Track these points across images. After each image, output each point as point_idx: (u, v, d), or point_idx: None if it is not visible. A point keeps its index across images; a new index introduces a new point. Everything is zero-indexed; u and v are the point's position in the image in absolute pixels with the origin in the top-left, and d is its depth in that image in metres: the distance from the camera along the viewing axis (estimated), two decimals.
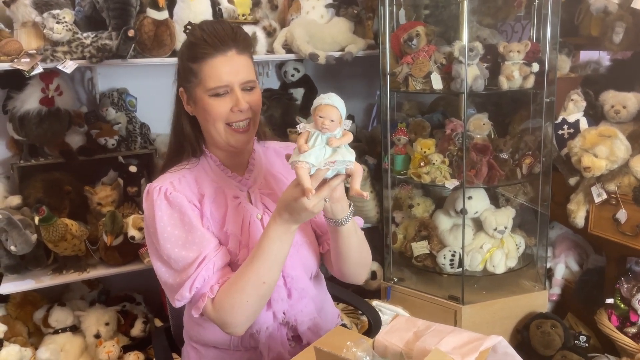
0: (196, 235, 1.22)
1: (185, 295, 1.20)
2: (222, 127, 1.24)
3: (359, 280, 1.42)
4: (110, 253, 2.04)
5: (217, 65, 1.20)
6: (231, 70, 1.21)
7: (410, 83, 2.19)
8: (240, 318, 1.20)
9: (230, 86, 1.21)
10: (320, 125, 1.04)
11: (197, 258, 1.20)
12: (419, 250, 2.31)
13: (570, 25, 2.41)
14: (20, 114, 2.02)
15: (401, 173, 2.34)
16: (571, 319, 2.37)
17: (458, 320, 2.17)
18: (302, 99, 2.63)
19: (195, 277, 1.19)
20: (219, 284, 1.21)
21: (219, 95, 1.21)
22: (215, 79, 1.20)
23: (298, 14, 2.34)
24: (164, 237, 1.22)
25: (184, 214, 1.23)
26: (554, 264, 2.43)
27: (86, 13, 2.05)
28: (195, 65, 1.21)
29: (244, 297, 1.18)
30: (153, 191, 1.26)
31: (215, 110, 1.22)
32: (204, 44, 1.20)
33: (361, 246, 1.33)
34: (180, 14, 2.05)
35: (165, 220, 1.23)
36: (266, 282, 1.19)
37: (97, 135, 2.19)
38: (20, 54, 1.87)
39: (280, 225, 1.16)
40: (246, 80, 1.23)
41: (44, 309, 2.15)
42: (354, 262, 1.34)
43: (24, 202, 2.06)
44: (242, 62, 1.23)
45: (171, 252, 1.22)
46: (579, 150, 2.04)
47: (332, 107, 1.05)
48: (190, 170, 1.31)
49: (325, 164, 1.05)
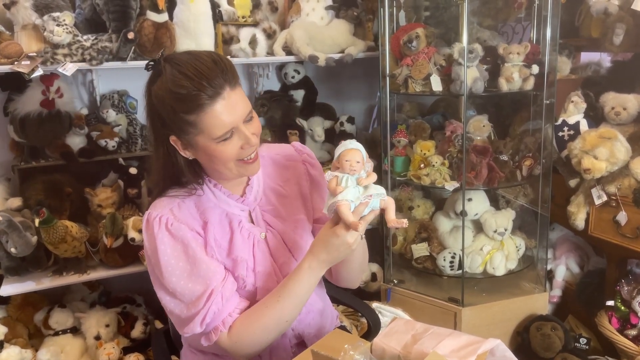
0: (201, 268, 1.19)
1: (196, 330, 1.19)
2: (233, 165, 1.19)
3: (354, 285, 1.43)
4: (111, 255, 2.05)
5: (218, 112, 1.11)
6: (231, 112, 1.13)
7: (410, 85, 2.19)
8: (255, 349, 1.23)
9: (235, 127, 1.15)
10: (348, 168, 1.13)
11: (204, 292, 1.18)
12: (419, 252, 2.30)
13: (570, 26, 2.41)
14: (21, 116, 2.03)
15: (401, 175, 2.34)
16: (572, 321, 2.36)
17: (458, 322, 2.17)
18: (302, 101, 2.63)
19: (206, 312, 1.18)
20: (231, 316, 1.21)
21: (226, 140, 1.15)
22: (220, 127, 1.13)
23: (298, 16, 2.35)
24: (169, 270, 1.19)
25: (188, 245, 1.20)
26: (555, 265, 2.43)
27: (86, 16, 2.06)
28: (192, 117, 1.11)
29: (264, 334, 1.20)
30: (153, 222, 1.21)
31: (225, 154, 1.16)
32: (197, 93, 1.09)
33: (364, 255, 1.35)
34: (180, 16, 2.05)
35: (169, 254, 1.19)
36: (289, 320, 1.22)
37: (98, 137, 2.19)
38: (20, 57, 1.87)
39: (316, 265, 1.18)
40: (246, 114, 1.17)
41: (45, 310, 2.16)
42: (354, 269, 1.35)
43: (25, 204, 2.07)
44: (238, 96, 1.15)
45: (177, 286, 1.19)
46: (579, 152, 2.04)
47: (357, 151, 1.15)
48: (188, 194, 1.25)
49: (364, 198, 1.13)
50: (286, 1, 2.45)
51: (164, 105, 1.14)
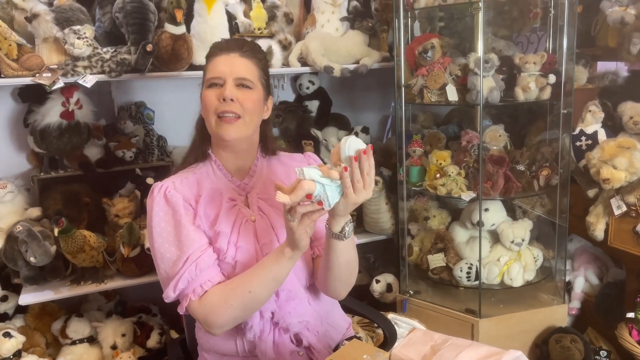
0: (182, 234, 1.29)
1: (170, 295, 1.28)
2: (213, 120, 1.33)
3: (338, 296, 1.44)
4: (127, 264, 2.06)
5: (218, 61, 1.34)
6: (227, 64, 1.32)
7: (425, 95, 2.19)
8: (221, 319, 1.26)
9: (223, 78, 1.31)
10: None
11: (180, 257, 1.27)
12: (435, 262, 2.29)
13: (587, 36, 2.40)
14: (40, 127, 2.06)
15: (416, 185, 2.33)
16: (591, 333, 2.32)
17: (475, 334, 2.15)
18: (317, 111, 2.64)
19: (179, 278, 1.26)
20: (202, 287, 1.27)
21: (212, 87, 1.33)
22: (211, 70, 1.34)
23: (313, 28, 2.36)
24: (157, 231, 1.31)
25: (177, 212, 1.31)
26: (573, 277, 2.40)
27: (106, 29, 2.09)
28: (205, 67, 1.38)
29: (229, 300, 1.25)
30: (155, 188, 1.36)
31: (207, 99, 1.33)
32: (214, 47, 1.38)
33: (349, 266, 1.35)
34: (197, 28, 2.08)
35: (160, 216, 1.32)
36: (252, 292, 1.25)
37: (115, 148, 2.22)
38: (41, 69, 1.91)
39: (280, 246, 1.24)
40: (241, 77, 1.32)
41: (62, 319, 2.18)
42: (338, 278, 1.35)
43: (44, 214, 2.09)
44: (242, 62, 1.33)
45: (161, 246, 1.30)
46: (597, 161, 2.02)
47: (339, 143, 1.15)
48: (194, 173, 1.40)
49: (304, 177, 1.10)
50: (301, 13, 2.47)
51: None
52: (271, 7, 2.32)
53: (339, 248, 1.27)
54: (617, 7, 2.25)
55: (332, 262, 1.30)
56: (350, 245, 1.31)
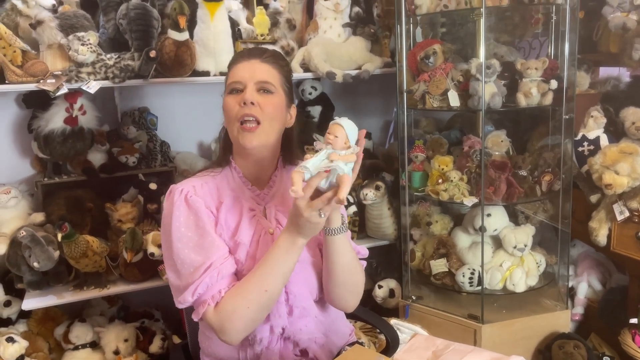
0: (206, 240, 1.26)
1: (188, 299, 1.25)
2: (235, 127, 1.29)
3: (346, 307, 1.42)
4: (130, 269, 2.07)
5: (239, 67, 1.33)
6: (248, 70, 1.31)
7: (427, 100, 2.19)
8: (238, 324, 1.23)
9: (244, 83, 1.29)
10: (326, 140, 1.15)
11: (203, 264, 1.24)
12: (438, 268, 2.29)
13: (588, 41, 2.40)
14: (44, 133, 2.07)
15: (419, 190, 2.33)
16: (595, 339, 2.31)
17: (478, 339, 2.14)
18: (320, 117, 2.65)
19: (199, 283, 1.23)
20: (221, 293, 1.24)
21: (233, 93, 1.31)
22: (232, 77, 1.32)
23: (315, 34, 2.38)
24: (177, 236, 1.27)
25: (200, 218, 1.28)
26: (576, 282, 2.39)
27: (110, 35, 2.11)
28: (227, 74, 1.36)
29: (244, 303, 1.22)
30: (175, 191, 1.32)
31: (228, 105, 1.30)
32: (236, 56, 1.38)
33: (351, 269, 1.34)
34: (200, 34, 2.09)
35: (181, 221, 1.28)
36: (268, 290, 1.22)
37: (119, 153, 2.23)
38: (45, 75, 1.92)
39: (288, 236, 1.20)
40: (262, 81, 1.30)
41: (65, 324, 2.18)
42: (341, 284, 1.34)
43: (47, 219, 2.10)
44: (263, 67, 1.32)
45: (180, 252, 1.26)
46: (599, 167, 2.02)
47: (338, 126, 1.14)
48: (213, 178, 1.37)
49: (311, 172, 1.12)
50: (304, 19, 2.49)
51: None
52: (274, 13, 2.34)
53: (339, 247, 1.28)
54: (618, 12, 2.26)
55: (335, 266, 1.30)
56: (348, 245, 1.32)
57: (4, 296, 2.15)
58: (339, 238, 1.26)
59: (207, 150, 2.58)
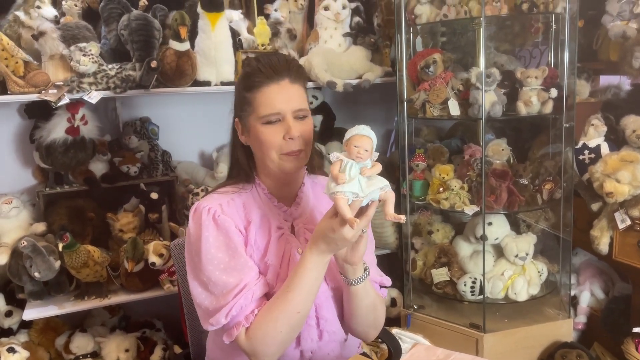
0: (239, 261, 1.22)
1: (221, 321, 1.20)
2: (276, 156, 1.24)
3: (367, 338, 1.40)
4: (131, 279, 2.07)
5: (271, 93, 1.22)
6: (284, 98, 1.22)
7: (427, 109, 2.20)
8: (272, 348, 1.20)
9: (282, 114, 1.22)
10: (355, 154, 1.08)
11: (237, 285, 1.20)
12: (439, 277, 2.28)
13: (588, 50, 2.41)
14: (46, 143, 2.08)
15: (420, 199, 2.33)
16: (598, 348, 2.30)
17: (480, 349, 2.13)
18: (320, 126, 2.66)
19: (233, 305, 1.19)
20: (254, 313, 1.21)
21: (271, 123, 1.22)
22: (268, 106, 1.22)
23: (316, 43, 2.39)
24: (208, 258, 1.22)
25: (230, 238, 1.23)
26: (579, 291, 2.38)
27: (111, 45, 2.12)
28: (249, 95, 1.24)
29: (277, 327, 1.19)
30: (202, 211, 1.26)
31: (267, 138, 1.22)
32: (258, 73, 1.23)
33: (373, 308, 1.32)
34: (201, 44, 2.10)
35: (210, 242, 1.23)
36: (300, 312, 1.19)
37: (120, 163, 2.24)
38: (47, 86, 1.93)
39: (317, 255, 1.17)
40: (299, 109, 1.24)
41: (66, 335, 2.18)
42: (361, 322, 1.33)
43: (49, 229, 2.11)
44: (295, 91, 1.24)
45: (212, 275, 1.22)
46: (600, 175, 2.02)
47: (367, 138, 1.10)
48: (239, 195, 1.31)
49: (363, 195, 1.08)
50: (304, 29, 2.50)
51: (237, 86, 1.30)
52: (274, 23, 2.35)
53: (362, 293, 1.26)
54: (618, 21, 2.26)
55: (357, 310, 1.29)
56: (370, 288, 1.29)
57: (5, 306, 2.15)
58: (362, 285, 1.24)
59: (209, 160, 2.59)
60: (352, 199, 1.07)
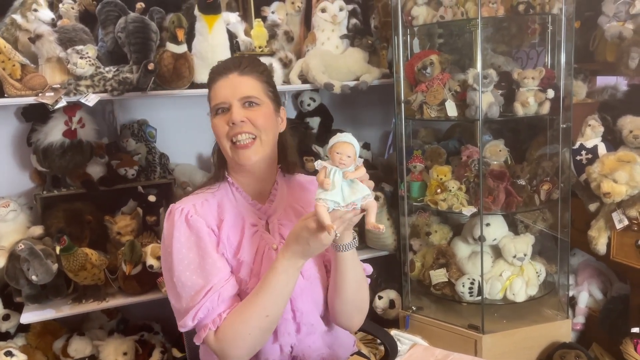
0: (208, 262, 1.24)
1: (188, 324, 1.22)
2: (227, 145, 1.29)
3: (352, 324, 1.40)
4: (129, 282, 2.06)
5: (218, 86, 1.29)
6: (229, 87, 1.28)
7: (425, 111, 2.20)
8: (241, 350, 1.21)
9: (227, 102, 1.27)
10: (337, 161, 1.10)
11: (204, 287, 1.22)
12: (438, 278, 2.28)
13: (585, 51, 2.41)
14: (43, 146, 2.08)
15: (418, 200, 2.33)
16: (596, 349, 2.30)
17: (478, 350, 2.13)
18: (318, 128, 2.66)
19: (200, 308, 1.21)
20: (221, 317, 1.22)
21: (219, 114, 1.29)
22: (215, 98, 1.30)
23: (313, 45, 2.39)
24: (179, 258, 1.25)
25: (201, 239, 1.26)
26: (577, 292, 2.38)
27: (108, 48, 2.12)
28: (209, 92, 1.33)
29: (246, 329, 1.20)
30: (175, 211, 1.29)
31: (217, 128, 1.29)
32: (212, 73, 1.33)
33: (359, 285, 1.33)
34: (198, 47, 2.10)
35: (182, 242, 1.26)
36: (270, 315, 1.20)
37: (118, 166, 2.23)
38: (44, 88, 1.93)
39: (288, 258, 1.18)
40: (245, 96, 1.28)
41: (64, 338, 2.17)
42: (347, 299, 1.33)
43: (46, 232, 2.10)
44: (244, 81, 1.29)
45: (182, 275, 1.24)
46: (597, 175, 2.02)
47: (349, 144, 1.12)
48: (213, 195, 1.34)
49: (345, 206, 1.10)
50: (302, 31, 2.50)
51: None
52: (272, 25, 2.35)
53: (349, 262, 1.26)
54: (614, 22, 2.27)
55: (343, 282, 1.29)
56: (357, 262, 1.30)
57: (2, 310, 2.14)
58: (350, 253, 1.25)
59: (206, 162, 2.59)
60: (332, 207, 1.09)
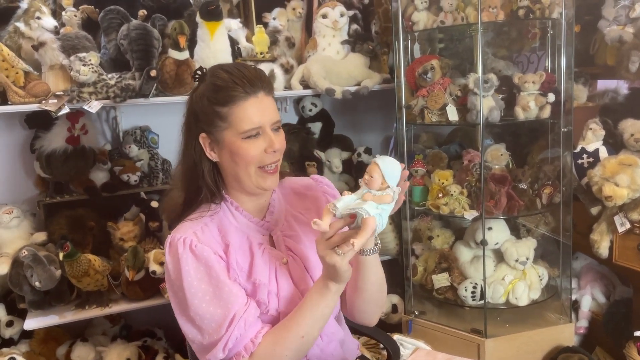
0: (224, 291, 1.19)
1: (219, 356, 1.18)
2: (253, 170, 1.22)
3: (371, 320, 1.40)
4: (132, 288, 2.06)
5: (249, 108, 1.18)
6: (260, 111, 1.20)
7: (426, 115, 2.21)
8: None
9: (262, 127, 1.20)
10: (365, 179, 1.11)
11: (226, 316, 1.18)
12: (440, 282, 2.28)
13: (585, 55, 2.42)
14: (47, 152, 2.09)
15: (420, 204, 2.33)
16: (600, 352, 2.29)
17: (481, 354, 2.13)
18: (320, 133, 2.67)
19: (228, 338, 1.17)
20: (253, 342, 1.19)
21: (251, 138, 1.20)
22: (248, 122, 1.18)
23: (315, 51, 2.40)
24: (191, 292, 1.19)
25: (211, 267, 1.20)
26: (580, 295, 2.38)
27: (111, 55, 2.13)
28: (224, 109, 1.19)
29: (282, 350, 1.18)
30: (177, 244, 1.21)
31: (248, 153, 1.20)
32: (233, 86, 1.18)
33: (380, 285, 1.34)
34: (200, 53, 2.12)
35: (192, 275, 1.19)
36: (305, 336, 1.19)
37: (120, 172, 2.24)
38: (47, 96, 1.94)
39: (320, 280, 1.18)
40: (275, 121, 1.23)
41: (67, 344, 2.17)
42: (369, 299, 1.33)
43: (49, 239, 2.11)
44: (270, 102, 1.23)
45: (199, 309, 1.19)
46: (599, 179, 2.02)
47: (375, 165, 1.10)
48: (211, 218, 1.27)
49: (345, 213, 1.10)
50: (303, 37, 2.51)
51: (200, 100, 1.22)
52: (273, 31, 2.37)
53: (371, 265, 1.26)
54: (614, 26, 2.27)
55: (365, 283, 1.29)
56: (379, 263, 1.30)
57: (6, 316, 2.15)
58: (372, 257, 1.24)
59: None
60: (332, 208, 1.09)
